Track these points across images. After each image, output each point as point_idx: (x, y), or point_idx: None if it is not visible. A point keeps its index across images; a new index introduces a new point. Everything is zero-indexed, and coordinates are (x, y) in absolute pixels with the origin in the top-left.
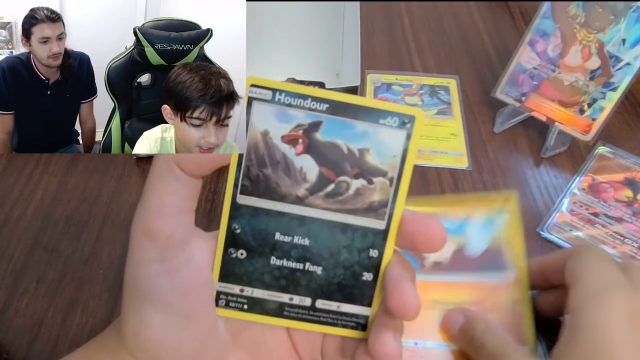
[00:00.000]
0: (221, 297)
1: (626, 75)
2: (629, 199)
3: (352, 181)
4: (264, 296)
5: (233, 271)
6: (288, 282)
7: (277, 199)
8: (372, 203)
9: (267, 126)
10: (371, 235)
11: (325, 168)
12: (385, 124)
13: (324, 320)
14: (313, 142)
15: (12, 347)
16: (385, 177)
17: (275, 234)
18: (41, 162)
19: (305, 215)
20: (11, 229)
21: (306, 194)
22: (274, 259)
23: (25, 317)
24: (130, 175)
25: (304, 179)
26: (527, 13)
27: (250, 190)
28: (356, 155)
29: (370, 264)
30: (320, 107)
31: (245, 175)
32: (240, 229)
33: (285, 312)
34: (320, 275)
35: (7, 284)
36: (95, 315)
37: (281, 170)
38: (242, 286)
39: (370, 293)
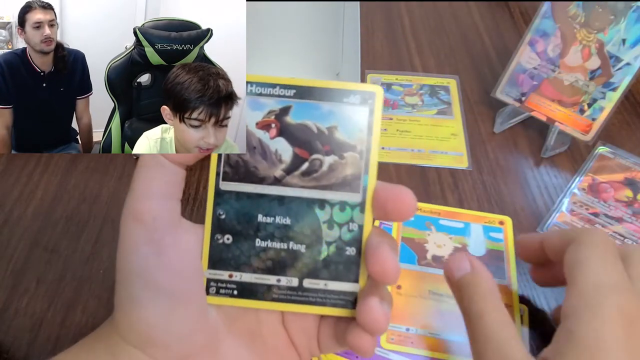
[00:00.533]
0: (211, 285)
1: (626, 75)
2: (629, 199)
3: (325, 158)
4: (253, 280)
5: (221, 257)
6: (274, 264)
7: (256, 182)
8: (346, 177)
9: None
10: (349, 209)
11: (298, 148)
12: (349, 102)
13: (312, 300)
14: (285, 125)
15: (12, 347)
16: (354, 152)
17: (258, 215)
18: (41, 162)
19: (284, 195)
20: (11, 229)
21: (283, 174)
22: (259, 241)
23: (25, 317)
24: (130, 175)
25: (279, 160)
26: (527, 13)
27: (231, 176)
28: (325, 134)
29: (352, 238)
30: (288, 93)
31: (226, 163)
32: (225, 214)
33: (275, 295)
34: (305, 253)
35: (7, 284)
36: (95, 315)
37: (258, 154)
38: (230, 271)
39: (355, 269)
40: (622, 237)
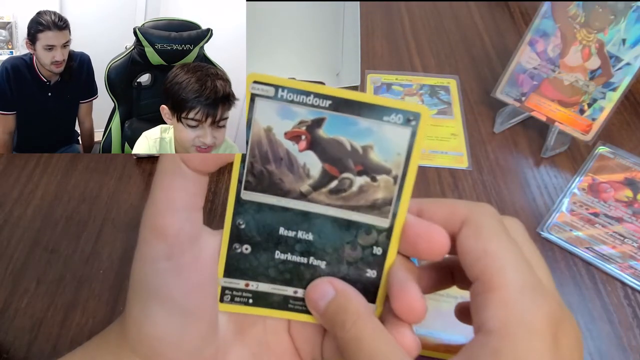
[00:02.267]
0: (226, 293)
1: (626, 75)
2: (629, 199)
3: (356, 178)
4: (269, 290)
5: (238, 266)
6: (292, 276)
7: (280, 195)
8: (376, 201)
9: (270, 123)
10: (375, 233)
11: (328, 164)
12: (390, 121)
13: None
14: (316, 138)
15: (12, 347)
16: (389, 175)
17: (280, 228)
18: (41, 162)
19: (309, 211)
20: (11, 229)
21: (309, 189)
22: (279, 254)
23: (25, 317)
24: (130, 175)
25: (307, 175)
26: (527, 13)
27: (254, 186)
28: (359, 152)
29: (374, 262)
30: (323, 104)
31: (249, 172)
32: (245, 225)
33: (290, 305)
34: (324, 269)
35: (7, 284)
36: (95, 315)
37: (284, 167)
38: (247, 281)
39: (373, 290)
40: (622, 237)
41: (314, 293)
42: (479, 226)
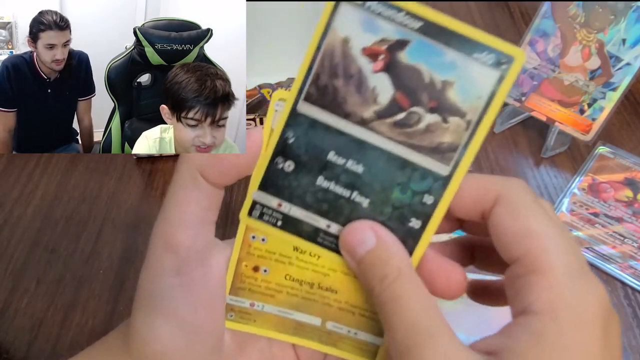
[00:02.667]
0: (256, 207)
1: (626, 75)
2: (629, 199)
3: (425, 115)
4: (301, 216)
5: (275, 182)
6: (329, 208)
7: (340, 116)
8: (441, 144)
9: (350, 33)
10: (431, 179)
11: (400, 93)
12: (479, 59)
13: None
14: (395, 61)
15: (12, 347)
16: (462, 119)
17: (330, 153)
18: (41, 162)
19: (366, 141)
20: (11, 229)
21: (373, 116)
22: (321, 180)
23: (25, 317)
24: (130, 175)
25: (374, 101)
26: (527, 13)
27: (314, 99)
28: (437, 87)
29: (421, 211)
30: (412, 25)
31: (314, 83)
32: (294, 140)
33: (319, 239)
34: (366, 208)
35: (7, 284)
36: (95, 315)
37: (352, 86)
38: (280, 200)
39: (412, 242)
40: (622, 237)
41: (353, 236)
42: (516, 203)
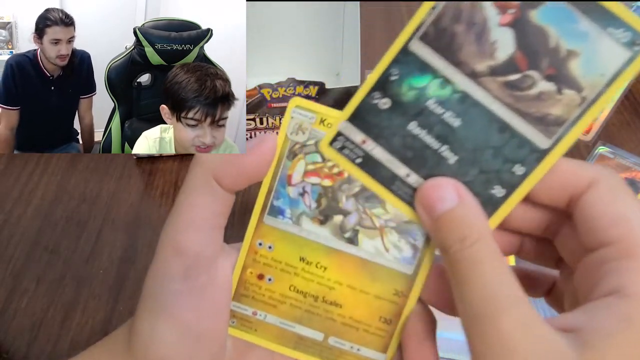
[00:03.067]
0: (339, 139)
1: None
2: None
3: (541, 81)
4: (382, 159)
5: (366, 117)
6: (414, 156)
7: (452, 63)
8: (549, 115)
9: None
10: (527, 150)
11: (520, 53)
12: (613, 34)
13: None
14: (524, 18)
15: (12, 347)
16: (578, 93)
17: (430, 100)
18: (41, 162)
19: (471, 95)
20: (11, 229)
21: (486, 71)
22: (414, 125)
23: (25, 317)
24: (130, 175)
25: (491, 55)
26: None
27: (429, 40)
28: (561, 55)
29: (509, 180)
30: None
31: (434, 23)
32: (397, 77)
33: (394, 187)
34: (452, 165)
35: (7, 284)
36: (95, 315)
37: (473, 34)
38: (366, 137)
39: (491, 210)
40: None
41: (434, 191)
42: (613, 189)
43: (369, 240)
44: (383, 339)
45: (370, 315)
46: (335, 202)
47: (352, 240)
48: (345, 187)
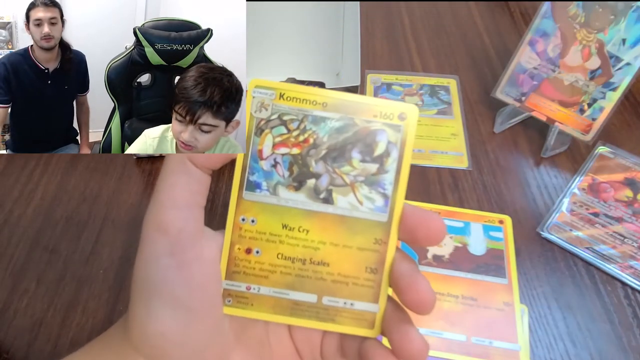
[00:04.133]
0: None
1: (626, 75)
2: (629, 199)
3: None
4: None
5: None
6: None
7: None
8: None
9: None
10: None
11: None
12: None
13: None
14: None
15: (12, 347)
16: None
17: None
18: (41, 162)
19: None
20: (11, 229)
21: None
22: None
23: (25, 317)
24: (130, 175)
25: None
26: (527, 13)
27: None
28: None
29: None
30: None
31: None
32: None
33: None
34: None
35: (7, 284)
36: (95, 315)
37: None
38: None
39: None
40: (622, 237)
41: None
42: None
43: (342, 198)
44: (373, 290)
45: (356, 267)
46: (306, 168)
47: (327, 200)
48: (312, 152)
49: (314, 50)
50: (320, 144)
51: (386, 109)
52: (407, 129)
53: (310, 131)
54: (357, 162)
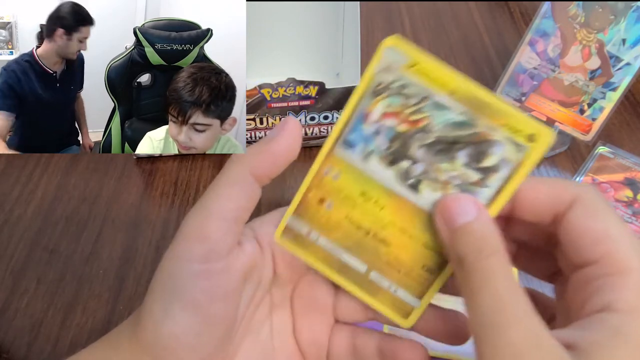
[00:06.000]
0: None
1: (626, 75)
2: (629, 199)
3: None
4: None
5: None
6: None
7: None
8: None
9: None
10: None
11: None
12: None
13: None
14: None
15: (12, 347)
16: None
17: None
18: (41, 162)
19: None
20: (11, 229)
21: None
22: None
23: (25, 317)
24: (130, 175)
25: None
26: (527, 13)
27: None
28: None
29: None
30: None
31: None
32: None
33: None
34: None
35: (7, 284)
36: (95, 315)
37: None
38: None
39: None
40: None
41: (455, 205)
42: (595, 206)
43: (430, 192)
44: (421, 286)
45: (414, 261)
46: (406, 148)
47: (414, 187)
48: (419, 135)
49: (314, 50)
50: (431, 131)
51: (517, 123)
52: (532, 153)
53: (425, 114)
54: (459, 164)
